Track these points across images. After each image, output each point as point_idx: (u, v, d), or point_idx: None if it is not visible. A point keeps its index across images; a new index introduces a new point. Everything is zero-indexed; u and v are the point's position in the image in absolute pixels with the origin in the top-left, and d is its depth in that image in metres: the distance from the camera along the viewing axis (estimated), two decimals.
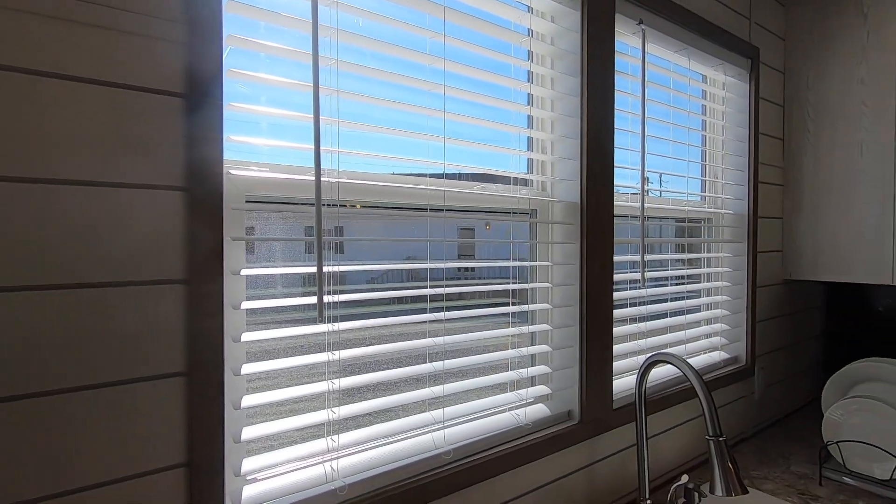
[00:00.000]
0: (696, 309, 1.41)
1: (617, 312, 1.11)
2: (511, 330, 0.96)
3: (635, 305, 1.21)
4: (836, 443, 1.22)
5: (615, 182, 1.08)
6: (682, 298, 1.35)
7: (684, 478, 1.06)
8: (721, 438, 0.78)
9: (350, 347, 0.75)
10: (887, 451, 1.14)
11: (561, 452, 0.99)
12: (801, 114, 1.58)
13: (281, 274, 0.81)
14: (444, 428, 0.85)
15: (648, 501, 0.96)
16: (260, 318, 0.77)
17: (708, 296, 1.48)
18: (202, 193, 0.58)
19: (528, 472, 0.94)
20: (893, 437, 1.16)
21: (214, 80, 0.59)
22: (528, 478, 0.94)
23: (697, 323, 1.43)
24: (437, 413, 0.84)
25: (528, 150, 1.06)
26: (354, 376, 0.74)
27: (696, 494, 1.09)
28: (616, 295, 1.10)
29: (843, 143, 1.48)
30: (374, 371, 0.77)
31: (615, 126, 1.07)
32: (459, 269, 0.98)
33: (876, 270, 1.43)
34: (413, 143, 0.84)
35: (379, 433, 0.76)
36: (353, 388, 0.74)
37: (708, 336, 1.46)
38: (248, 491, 0.66)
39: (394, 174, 0.83)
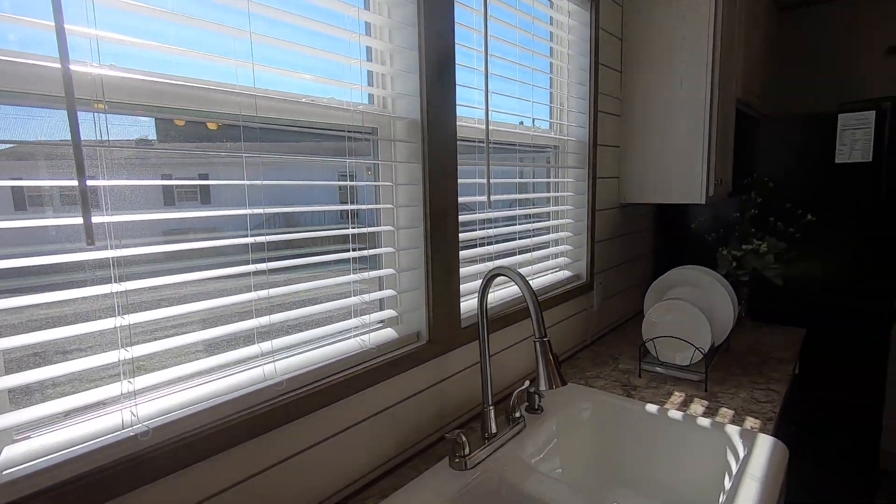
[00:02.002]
0: (544, 231, 1.50)
1: (465, 235, 1.12)
2: (352, 254, 0.92)
3: (484, 228, 1.24)
4: (652, 339, 1.42)
5: (461, 103, 1.05)
6: (530, 222, 1.42)
7: (526, 383, 1.14)
8: (545, 339, 0.84)
9: (141, 278, 0.64)
10: (687, 341, 1.35)
11: (409, 372, 1.00)
12: (635, 47, 1.69)
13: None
14: (274, 361, 0.79)
15: (491, 407, 1.02)
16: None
17: (555, 219, 1.57)
18: None
19: (377, 394, 0.94)
20: (693, 330, 1.37)
21: None
22: (377, 399, 0.94)
23: (546, 244, 1.53)
24: (266, 345, 0.78)
25: (369, 60, 0.98)
26: (147, 311, 0.64)
27: (537, 397, 1.19)
28: (464, 218, 1.11)
29: (668, 76, 1.62)
30: (175, 305, 0.68)
31: (456, 42, 1.03)
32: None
33: (688, 191, 1.63)
34: (212, 42, 0.71)
35: (190, 371, 0.68)
36: (150, 323, 0.64)
37: (555, 256, 1.57)
38: (12, 451, 0.55)
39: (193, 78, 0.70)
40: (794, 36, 2.68)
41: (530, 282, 1.40)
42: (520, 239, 1.38)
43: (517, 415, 1.10)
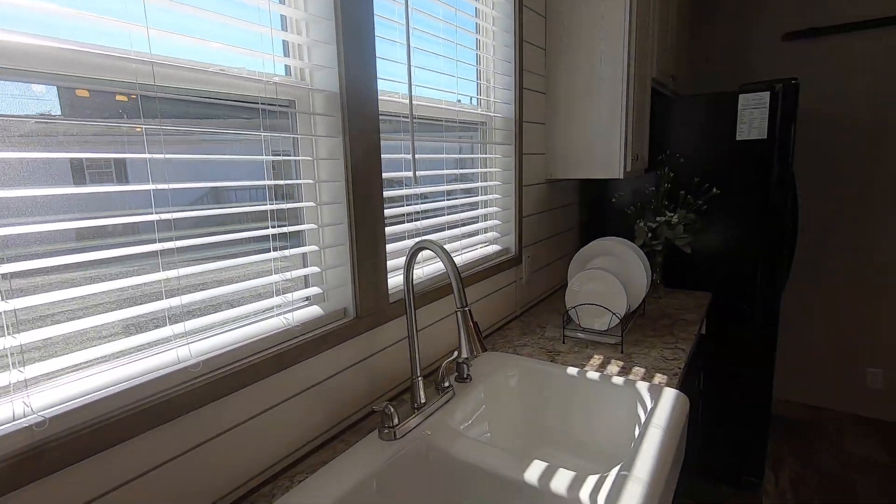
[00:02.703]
0: (474, 207, 1.53)
1: (392, 211, 1.12)
2: (271, 231, 0.89)
3: (411, 204, 1.24)
4: (574, 307, 1.50)
5: (384, 77, 1.04)
6: (459, 197, 1.44)
7: (455, 353, 1.18)
8: (466, 308, 0.87)
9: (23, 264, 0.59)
10: (605, 307, 1.44)
11: (337, 348, 1.00)
12: (558, 25, 1.73)
13: None
14: (188, 343, 0.77)
15: (420, 378, 1.04)
16: None
17: (484, 194, 1.60)
18: None
19: (304, 371, 0.93)
20: (611, 297, 1.46)
21: None
22: (304, 376, 0.94)
23: (475, 219, 1.56)
24: (178, 327, 0.75)
25: (283, 29, 0.94)
26: (32, 296, 0.60)
27: (465, 366, 1.23)
28: (390, 193, 1.11)
29: (588, 53, 1.68)
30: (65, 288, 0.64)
31: (377, 13, 1.01)
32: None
33: (608, 167, 1.71)
34: (98, 3, 0.66)
35: (91, 357, 0.65)
36: (58, 307, 0.60)
37: (485, 231, 1.61)
38: None
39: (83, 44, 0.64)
40: (704, 19, 2.85)
41: (460, 256, 1.44)
42: (449, 214, 1.40)
43: (446, 384, 1.13)
